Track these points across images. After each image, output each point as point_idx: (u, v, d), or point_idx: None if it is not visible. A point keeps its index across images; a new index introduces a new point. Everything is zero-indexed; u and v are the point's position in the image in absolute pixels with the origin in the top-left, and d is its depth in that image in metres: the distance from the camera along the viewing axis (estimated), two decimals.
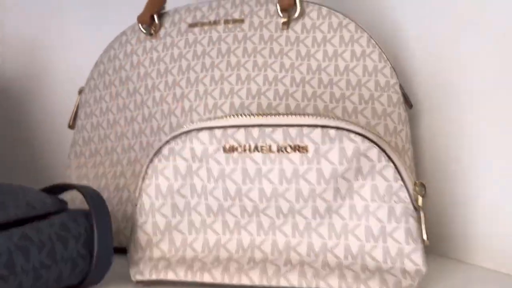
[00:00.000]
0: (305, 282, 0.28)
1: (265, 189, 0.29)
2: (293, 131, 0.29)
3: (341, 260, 0.29)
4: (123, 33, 0.47)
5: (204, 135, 0.30)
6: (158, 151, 0.31)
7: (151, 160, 0.31)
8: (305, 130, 0.29)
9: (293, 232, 0.30)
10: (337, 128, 0.28)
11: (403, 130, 0.39)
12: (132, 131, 0.44)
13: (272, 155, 0.29)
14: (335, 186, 0.29)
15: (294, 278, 0.28)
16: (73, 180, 0.47)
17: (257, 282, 0.29)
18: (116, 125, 0.45)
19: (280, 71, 0.40)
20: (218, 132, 0.30)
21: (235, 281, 0.29)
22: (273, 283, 0.28)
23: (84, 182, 0.46)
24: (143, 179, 0.31)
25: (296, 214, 0.29)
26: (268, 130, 0.29)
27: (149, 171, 0.31)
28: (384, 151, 0.28)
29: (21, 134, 0.61)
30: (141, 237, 0.31)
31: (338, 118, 0.29)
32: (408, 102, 0.41)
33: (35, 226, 0.27)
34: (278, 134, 0.29)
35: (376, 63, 0.40)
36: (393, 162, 0.28)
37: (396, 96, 0.40)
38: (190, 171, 0.30)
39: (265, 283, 0.29)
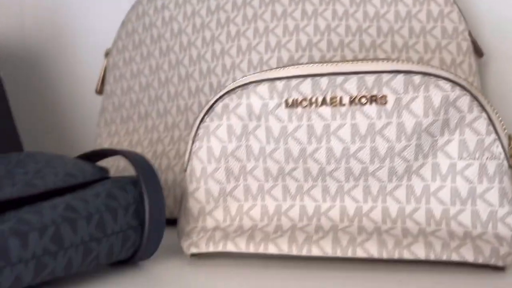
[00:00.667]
0: (385, 252, 0.25)
1: (334, 149, 0.25)
2: (369, 79, 0.25)
3: (423, 226, 0.25)
4: (139, 2, 0.43)
5: (263, 88, 0.26)
6: (210, 108, 0.27)
7: (202, 119, 0.27)
8: (385, 77, 0.24)
9: (365, 197, 0.26)
10: (423, 73, 0.24)
11: (474, 82, 0.35)
12: (168, 94, 0.41)
13: (343, 108, 0.25)
14: (417, 143, 0.25)
15: (373, 248, 0.25)
16: None
17: (330, 253, 0.25)
18: (149, 88, 0.42)
19: (333, 19, 0.36)
20: (280, 84, 0.26)
21: (304, 252, 0.26)
22: (349, 254, 0.25)
23: None
24: (193, 141, 0.28)
25: (370, 176, 0.26)
26: (339, 79, 0.25)
27: (200, 132, 0.27)
28: (476, 99, 0.24)
29: (46, 102, 0.58)
30: (193, 206, 0.28)
31: (422, 63, 0.24)
32: (478, 50, 0.36)
33: (80, 196, 0.24)
34: (352, 83, 0.25)
35: (442, 7, 0.35)
36: (486, 112, 0.24)
37: (466, 44, 0.35)
38: (246, 131, 0.27)
39: (339, 253, 0.25)
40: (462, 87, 0.24)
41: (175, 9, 0.41)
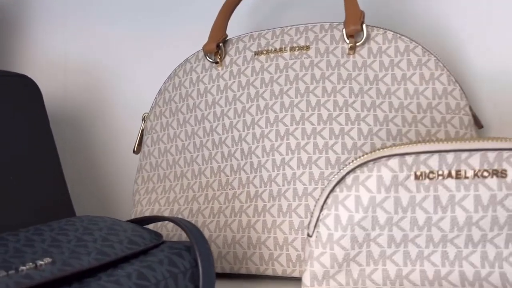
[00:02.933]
0: None
1: (458, 218, 0.29)
2: (491, 155, 0.28)
3: None
4: (187, 61, 0.49)
5: (394, 162, 0.29)
6: (341, 179, 0.30)
7: (333, 189, 0.30)
8: (505, 154, 0.28)
9: (482, 262, 0.29)
10: None
11: None
12: (202, 157, 0.46)
13: (466, 181, 0.28)
14: None
15: None
16: (144, 205, 0.49)
17: None
18: (185, 151, 0.47)
19: (350, 96, 0.41)
20: (409, 159, 0.29)
21: None
22: None
23: (156, 207, 0.48)
24: (322, 208, 0.30)
25: (488, 243, 0.29)
26: (464, 155, 0.28)
27: (329, 201, 0.30)
28: None
29: (86, 162, 0.63)
30: (318, 270, 0.30)
31: None
32: (478, 123, 0.41)
33: (148, 264, 0.28)
34: (475, 159, 0.28)
35: (445, 85, 0.40)
36: None
37: (467, 118, 0.40)
38: (373, 203, 0.29)
39: None
40: None
41: (209, 83, 0.46)
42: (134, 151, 0.52)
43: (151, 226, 0.47)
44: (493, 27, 0.44)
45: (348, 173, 0.30)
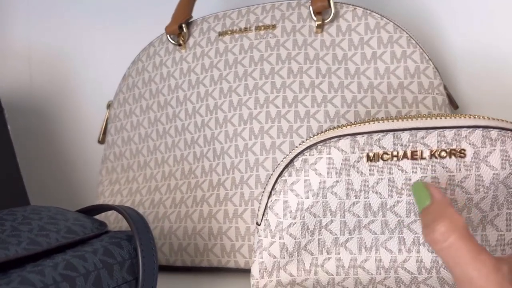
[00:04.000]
0: None
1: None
2: (449, 134, 0.26)
3: None
4: (151, 44, 0.46)
5: (345, 142, 0.26)
6: (290, 163, 0.27)
7: (281, 174, 0.28)
8: (464, 132, 0.26)
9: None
10: (500, 128, 0.25)
11: None
12: (165, 145, 0.43)
13: (423, 162, 0.26)
14: (494, 194, 0.26)
15: None
16: (107, 197, 0.46)
17: None
18: (148, 139, 0.44)
19: (317, 77, 0.39)
20: (361, 139, 0.26)
21: None
22: None
23: (118, 198, 0.45)
24: (270, 194, 0.28)
25: None
26: (420, 134, 0.26)
27: (277, 186, 0.28)
28: None
29: (51, 152, 0.60)
30: (267, 260, 0.28)
31: (497, 119, 0.26)
32: (453, 103, 0.39)
33: (79, 254, 0.26)
34: (432, 138, 0.26)
35: (418, 64, 0.38)
36: None
37: (441, 98, 0.37)
38: (323, 187, 0.27)
39: None
40: None
41: (172, 66, 0.44)
42: (99, 141, 0.50)
43: (113, 218, 0.44)
44: (471, 4, 0.42)
45: (296, 156, 0.27)
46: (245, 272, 0.38)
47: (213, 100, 0.41)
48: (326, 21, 0.40)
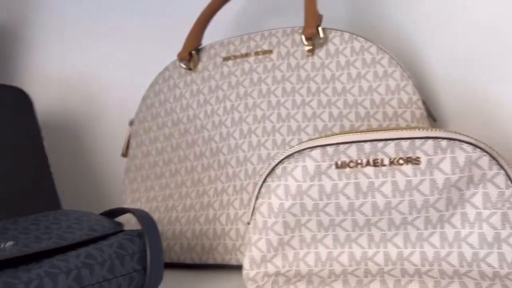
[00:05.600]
0: None
1: (378, 203, 0.30)
2: (405, 144, 0.30)
3: (457, 268, 0.30)
4: (166, 68, 0.53)
5: (316, 152, 0.31)
6: (272, 171, 0.32)
7: (265, 180, 0.32)
8: (417, 142, 0.30)
9: (405, 243, 0.31)
10: (449, 139, 0.29)
11: None
12: (178, 157, 0.49)
13: (384, 168, 0.30)
14: (448, 196, 0.30)
15: None
16: (128, 204, 0.52)
17: None
18: (164, 153, 0.50)
19: (307, 95, 0.44)
20: (330, 149, 0.31)
21: None
22: None
23: (137, 205, 0.51)
24: (257, 197, 0.33)
25: (409, 225, 0.31)
26: (380, 144, 0.30)
27: (263, 190, 0.32)
28: (494, 159, 0.29)
29: (80, 164, 0.68)
30: (256, 254, 0.33)
31: (447, 130, 0.30)
32: (431, 116, 0.43)
33: (98, 247, 0.32)
34: (390, 148, 0.30)
35: (398, 81, 0.42)
36: (504, 170, 0.29)
37: (419, 112, 0.42)
38: (300, 191, 0.31)
39: None
40: (482, 149, 0.29)
41: (184, 88, 0.50)
42: (122, 154, 0.56)
43: (134, 221, 0.50)
44: (452, 23, 0.46)
45: (277, 164, 0.32)
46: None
47: (218, 117, 0.46)
48: (316, 46, 0.45)
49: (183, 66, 0.50)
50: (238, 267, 0.43)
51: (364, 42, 0.44)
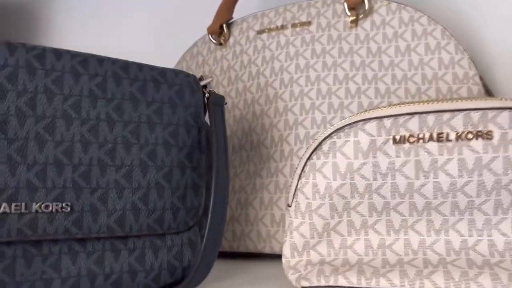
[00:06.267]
0: (500, 286, 0.26)
1: (441, 184, 0.26)
2: (475, 115, 0.26)
3: None
4: (194, 44, 0.49)
5: (371, 125, 0.27)
6: (318, 146, 0.29)
7: (310, 157, 0.29)
8: (490, 114, 0.26)
9: (470, 231, 0.27)
10: None
11: None
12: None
13: (449, 144, 0.26)
14: None
15: (486, 282, 0.26)
16: None
17: (443, 287, 0.26)
18: None
19: (351, 69, 0.40)
20: (387, 122, 0.27)
21: (417, 287, 0.27)
22: None
23: None
24: (300, 177, 0.29)
25: (475, 210, 0.27)
26: (446, 116, 0.26)
27: (307, 169, 0.29)
28: None
29: None
30: (298, 240, 0.29)
31: None
32: (489, 93, 0.38)
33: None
34: (458, 120, 0.26)
35: (453, 55, 0.38)
36: None
37: (477, 88, 0.37)
38: (351, 169, 0.28)
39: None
40: None
41: (214, 65, 0.46)
42: None
43: None
44: None
45: (324, 139, 0.28)
46: (280, 257, 0.39)
47: (251, 94, 0.43)
48: (360, 16, 0.41)
49: (213, 40, 0.47)
50: (272, 256, 0.39)
51: (413, 12, 0.40)
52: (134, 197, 0.28)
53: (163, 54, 0.62)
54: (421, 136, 0.27)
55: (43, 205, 0.25)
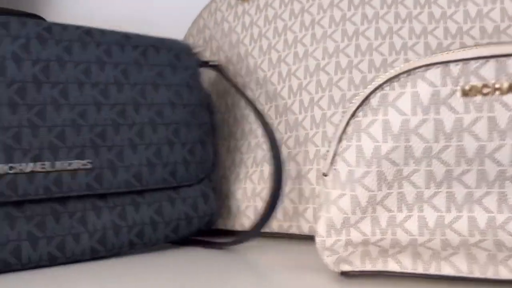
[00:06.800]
0: None
1: None
2: None
3: None
4: (213, 0, 0.44)
5: (434, 73, 0.22)
6: (365, 101, 0.23)
7: (354, 114, 0.23)
8: None
9: None
10: None
11: None
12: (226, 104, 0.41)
13: None
14: None
15: None
16: None
17: None
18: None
19: (395, 22, 0.34)
20: (455, 68, 0.22)
21: (489, 274, 0.22)
22: None
23: None
24: (340, 139, 0.24)
25: None
26: None
27: (349, 130, 0.23)
28: None
29: None
30: (336, 216, 0.24)
31: None
32: None
33: None
34: None
35: None
36: None
37: None
38: (406, 128, 0.22)
39: None
40: None
41: (234, 21, 0.41)
42: None
43: None
44: None
45: (373, 91, 0.23)
46: (309, 238, 0.34)
47: (277, 53, 0.37)
48: None
49: None
50: (299, 237, 0.34)
51: None
52: (148, 152, 0.30)
53: (180, 13, 0.57)
54: (497, 86, 0.21)
55: (66, 163, 0.27)
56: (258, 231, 0.31)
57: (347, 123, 0.24)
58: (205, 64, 0.35)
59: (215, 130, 0.36)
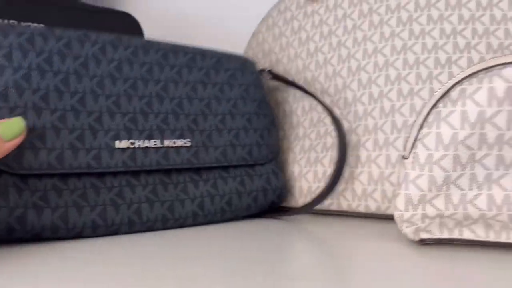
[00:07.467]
0: None
1: None
2: None
3: None
4: (281, 0, 0.48)
5: (510, 71, 0.25)
6: (445, 94, 0.27)
7: (435, 105, 0.27)
8: None
9: None
10: None
11: None
12: (294, 96, 0.44)
13: None
14: None
15: None
16: None
17: None
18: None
19: (428, 23, 0.37)
20: None
21: None
22: None
23: None
24: (421, 126, 0.28)
25: None
26: None
27: (430, 118, 0.27)
28: None
29: None
30: (413, 193, 0.27)
31: None
32: None
33: None
34: None
35: None
36: None
37: None
38: (482, 118, 0.26)
39: None
40: None
41: (304, 20, 0.45)
42: None
43: None
44: None
45: (453, 86, 0.26)
46: (375, 218, 0.38)
47: (346, 49, 0.41)
48: None
49: None
50: (366, 216, 0.38)
51: None
52: (230, 136, 0.37)
53: (253, 7, 0.60)
54: None
55: (171, 142, 0.34)
56: (317, 204, 0.37)
57: (428, 113, 0.28)
58: (263, 70, 0.43)
59: (274, 120, 0.42)
